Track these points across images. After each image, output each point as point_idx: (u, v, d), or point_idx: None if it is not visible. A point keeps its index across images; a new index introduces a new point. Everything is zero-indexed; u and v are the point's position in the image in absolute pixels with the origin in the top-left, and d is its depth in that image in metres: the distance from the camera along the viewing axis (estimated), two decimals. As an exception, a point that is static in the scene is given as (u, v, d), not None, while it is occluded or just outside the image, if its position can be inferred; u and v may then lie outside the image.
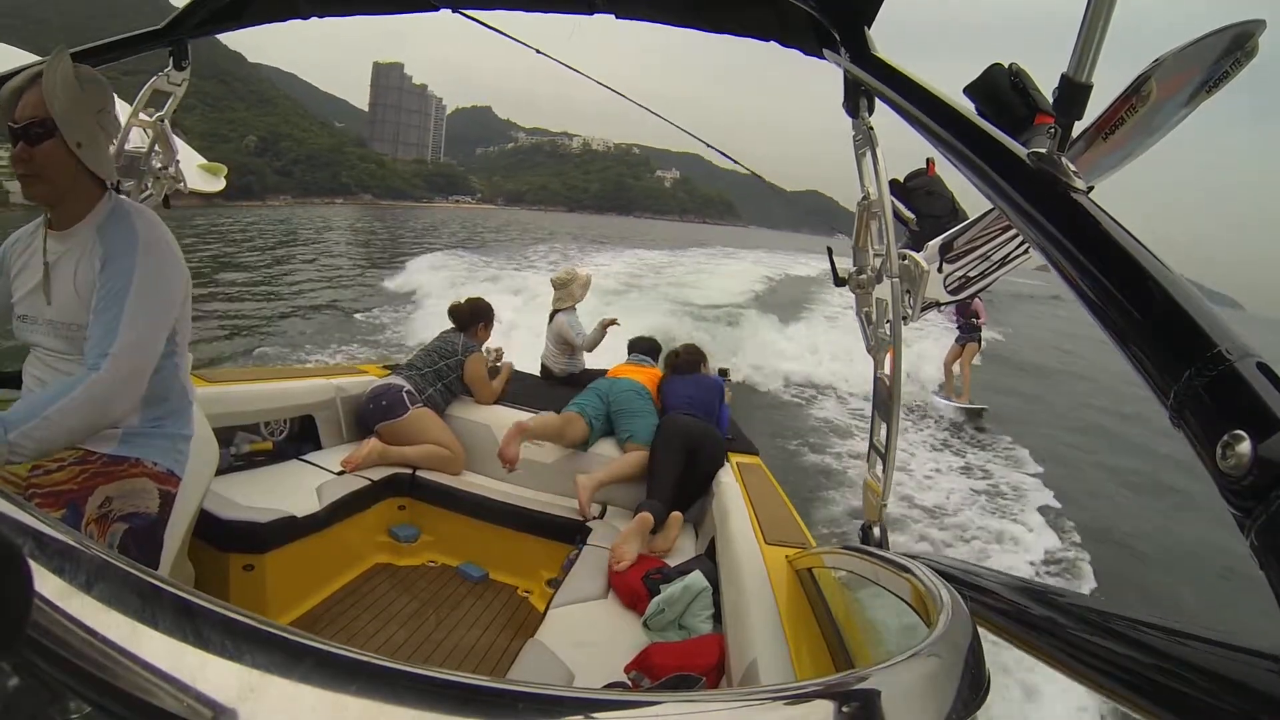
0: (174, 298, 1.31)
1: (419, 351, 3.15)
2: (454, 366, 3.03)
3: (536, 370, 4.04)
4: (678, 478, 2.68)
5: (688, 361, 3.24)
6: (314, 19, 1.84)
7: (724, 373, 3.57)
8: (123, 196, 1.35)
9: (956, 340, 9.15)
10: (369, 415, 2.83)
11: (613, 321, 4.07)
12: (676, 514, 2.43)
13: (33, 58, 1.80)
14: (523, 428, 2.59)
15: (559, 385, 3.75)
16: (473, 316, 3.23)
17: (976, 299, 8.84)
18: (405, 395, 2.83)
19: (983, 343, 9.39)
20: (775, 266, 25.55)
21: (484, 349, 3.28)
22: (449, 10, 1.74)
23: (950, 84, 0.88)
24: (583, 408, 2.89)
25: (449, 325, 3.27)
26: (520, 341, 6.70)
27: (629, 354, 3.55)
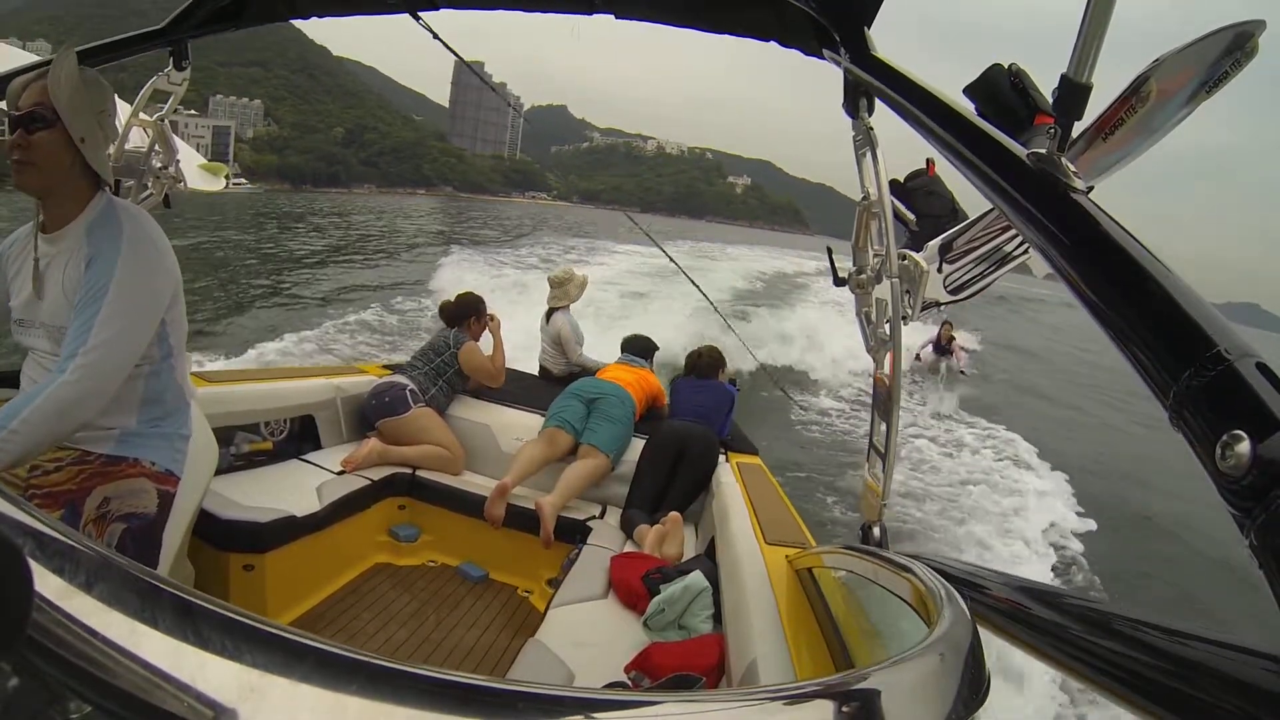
0: (157, 298, 1.29)
1: (417, 352, 3.15)
2: (449, 361, 3.03)
3: (534, 372, 4.02)
4: (662, 486, 2.69)
5: (708, 365, 3.19)
6: (314, 19, 1.84)
7: (732, 381, 3.51)
8: (115, 197, 1.34)
9: (933, 349, 10.33)
10: (371, 411, 2.83)
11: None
12: (676, 515, 2.43)
13: (33, 58, 1.80)
14: (504, 488, 2.49)
15: (559, 385, 3.74)
16: (461, 311, 3.20)
17: (961, 350, 9.84)
18: (409, 394, 2.83)
19: (945, 370, 10.53)
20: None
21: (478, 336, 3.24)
22: (449, 9, 1.74)
23: (950, 84, 0.88)
24: (563, 419, 2.81)
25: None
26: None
27: (621, 353, 3.52)
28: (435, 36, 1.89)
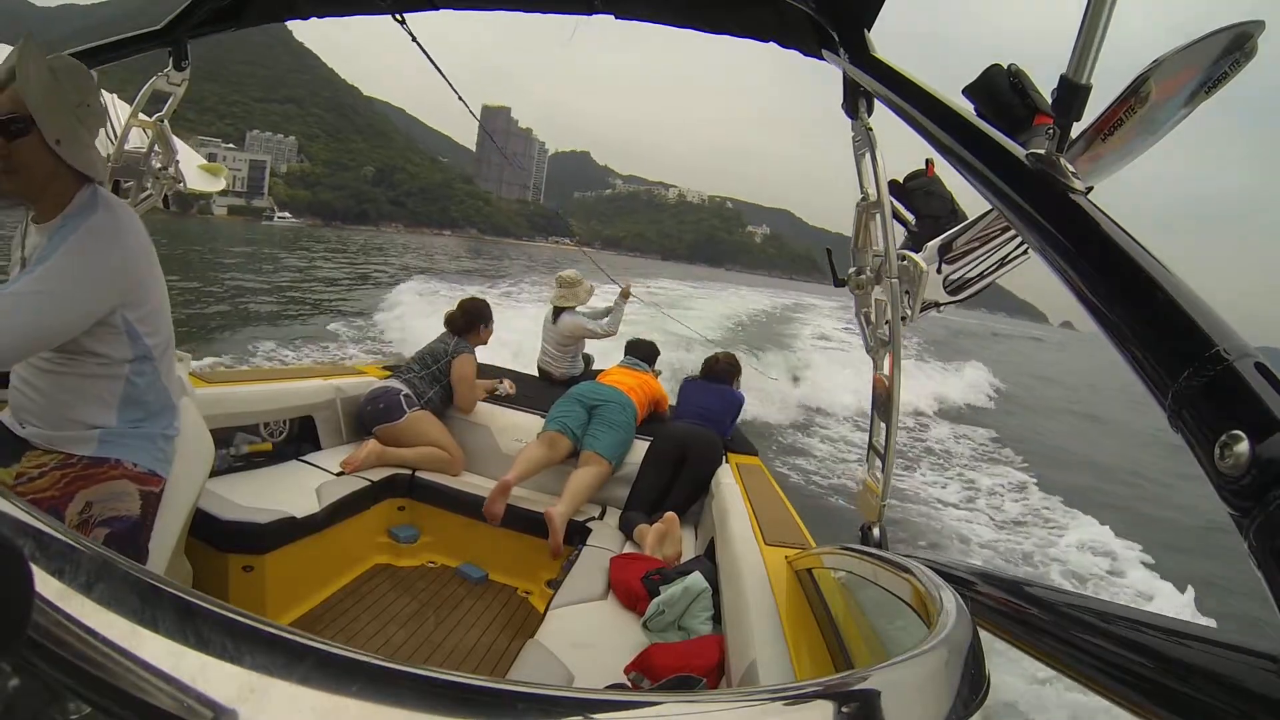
0: (96, 284, 1.21)
1: (416, 354, 3.11)
2: (445, 369, 2.98)
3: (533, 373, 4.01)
4: (664, 489, 2.69)
5: (724, 371, 3.19)
6: (313, 19, 1.84)
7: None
8: (102, 189, 1.30)
9: None
10: (367, 418, 2.82)
11: (628, 291, 4.09)
12: (671, 515, 2.43)
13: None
14: (506, 485, 2.50)
15: (561, 387, 3.68)
16: (467, 320, 3.13)
17: None
18: (403, 399, 2.82)
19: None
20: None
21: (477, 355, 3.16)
22: (450, 10, 1.74)
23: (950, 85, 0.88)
24: (564, 424, 2.80)
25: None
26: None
27: (624, 355, 3.52)
28: (415, 42, 1.90)
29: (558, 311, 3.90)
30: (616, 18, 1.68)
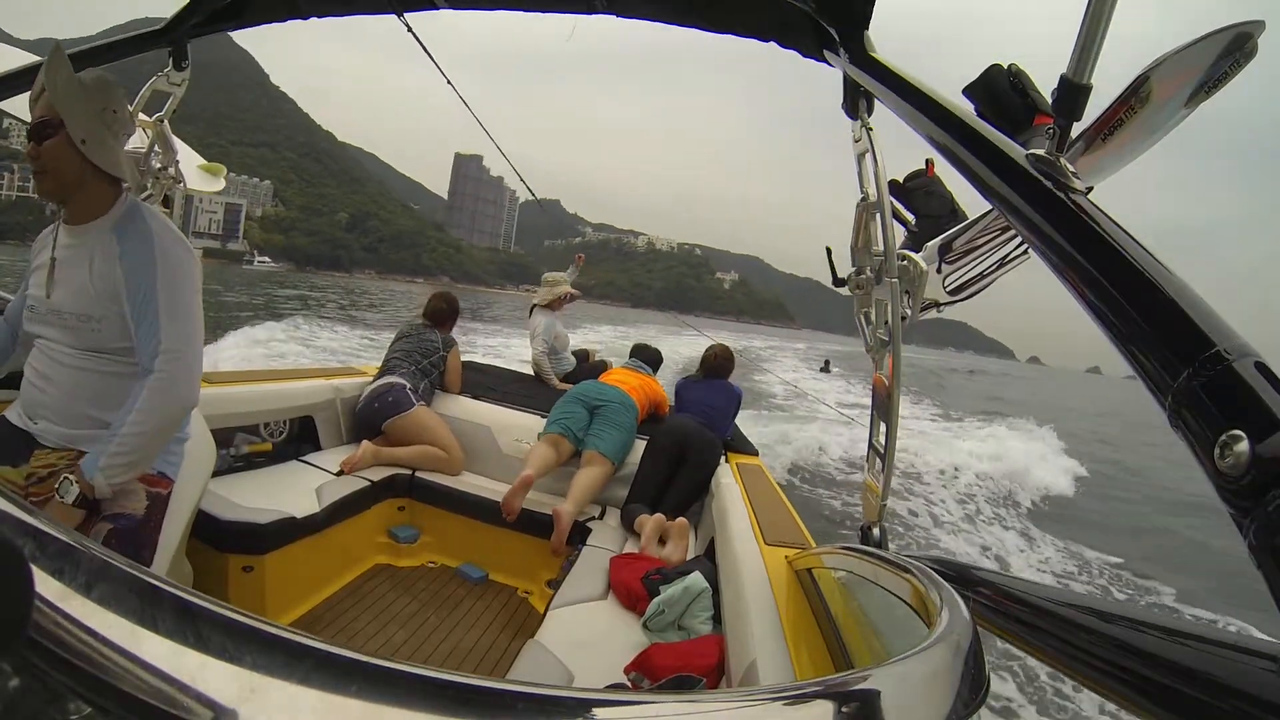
0: (196, 286, 1.36)
1: (398, 352, 3.09)
2: (438, 363, 3.11)
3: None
4: (663, 483, 2.69)
5: (721, 366, 3.21)
6: (313, 19, 1.84)
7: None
8: (140, 202, 1.37)
9: None
10: (374, 415, 2.82)
11: (581, 260, 4.68)
12: (683, 520, 2.42)
13: (32, 57, 1.80)
14: (528, 481, 2.50)
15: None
16: (451, 310, 3.35)
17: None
18: (408, 392, 2.85)
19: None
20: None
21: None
22: (449, 9, 1.74)
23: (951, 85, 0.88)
24: (565, 426, 2.80)
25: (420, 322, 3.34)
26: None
27: (629, 356, 3.54)
28: (416, 38, 1.91)
29: (532, 308, 4.11)
30: (618, 16, 1.68)
